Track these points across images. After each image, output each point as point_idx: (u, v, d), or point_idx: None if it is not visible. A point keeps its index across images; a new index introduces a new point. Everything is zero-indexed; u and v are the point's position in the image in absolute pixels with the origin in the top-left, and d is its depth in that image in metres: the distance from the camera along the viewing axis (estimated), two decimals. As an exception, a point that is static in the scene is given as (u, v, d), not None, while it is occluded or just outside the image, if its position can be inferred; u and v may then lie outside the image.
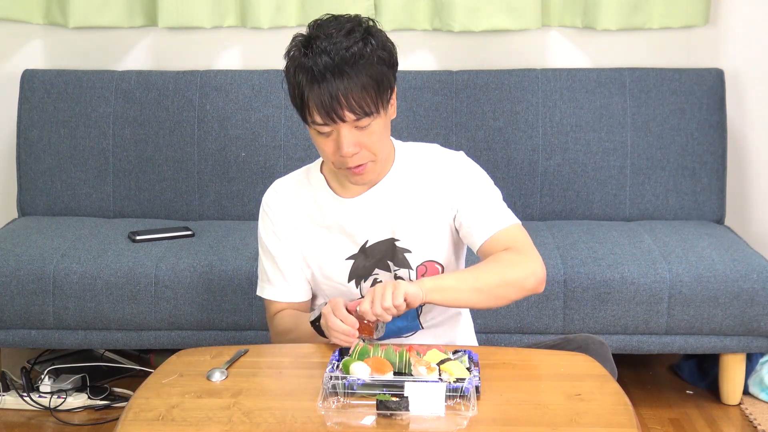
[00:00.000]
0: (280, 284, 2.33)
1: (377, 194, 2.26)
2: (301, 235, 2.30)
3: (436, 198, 2.27)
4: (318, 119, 2.11)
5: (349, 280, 2.30)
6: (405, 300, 2.06)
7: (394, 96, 2.19)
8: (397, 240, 2.28)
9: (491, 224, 2.25)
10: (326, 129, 2.12)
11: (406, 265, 2.29)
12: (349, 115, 2.10)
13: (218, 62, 3.69)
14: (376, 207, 2.26)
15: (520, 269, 2.19)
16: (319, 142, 2.17)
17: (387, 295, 2.05)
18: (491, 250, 2.24)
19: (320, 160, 2.33)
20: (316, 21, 2.17)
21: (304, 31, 2.17)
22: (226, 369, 2.04)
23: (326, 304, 2.15)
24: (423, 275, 2.29)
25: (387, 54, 2.14)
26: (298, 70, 2.11)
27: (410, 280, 2.29)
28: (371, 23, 2.16)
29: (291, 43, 2.17)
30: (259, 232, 2.35)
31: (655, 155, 3.49)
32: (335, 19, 2.16)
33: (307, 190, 2.32)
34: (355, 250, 2.29)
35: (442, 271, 2.31)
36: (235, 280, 3.05)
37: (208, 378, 2.01)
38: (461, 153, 2.35)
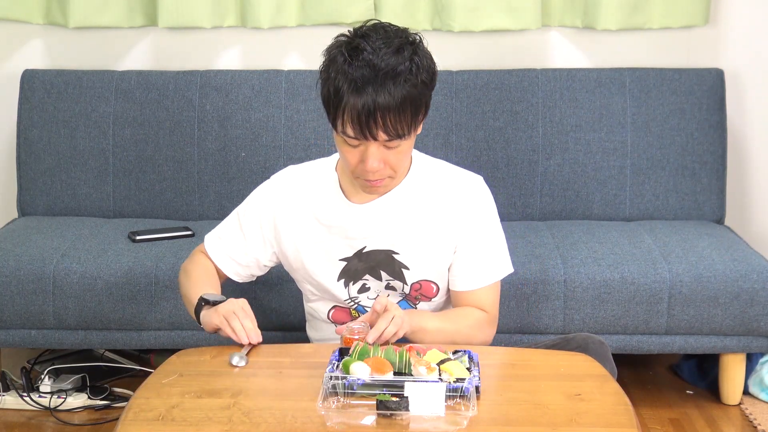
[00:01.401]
0: (228, 259, 2.37)
1: (385, 203, 2.26)
2: (299, 228, 2.30)
3: (444, 222, 2.27)
4: (350, 132, 2.08)
5: (339, 279, 2.30)
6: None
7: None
8: (397, 253, 2.28)
9: (477, 278, 2.28)
10: (355, 142, 2.10)
11: (401, 278, 2.29)
12: (382, 135, 2.07)
13: (218, 62, 3.69)
14: (382, 216, 2.25)
15: (482, 337, 2.29)
16: (344, 150, 2.14)
17: (392, 332, 2.09)
18: (464, 302, 2.30)
19: (336, 156, 2.32)
20: (361, 28, 2.11)
21: (346, 32, 2.12)
22: (246, 355, 2.05)
23: (228, 301, 2.18)
24: (417, 291, 2.29)
25: (429, 77, 2.12)
26: (340, 76, 2.06)
27: (403, 292, 2.30)
28: (418, 40, 2.12)
29: (333, 44, 2.12)
30: (249, 201, 2.36)
31: (655, 155, 3.49)
32: (384, 30, 2.10)
33: (317, 186, 2.31)
34: (350, 254, 2.28)
35: (437, 291, 2.31)
36: (231, 280, 3.04)
37: (230, 362, 2.02)
38: (480, 179, 2.33)
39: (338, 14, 3.56)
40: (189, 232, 3.30)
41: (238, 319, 2.13)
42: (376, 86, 2.04)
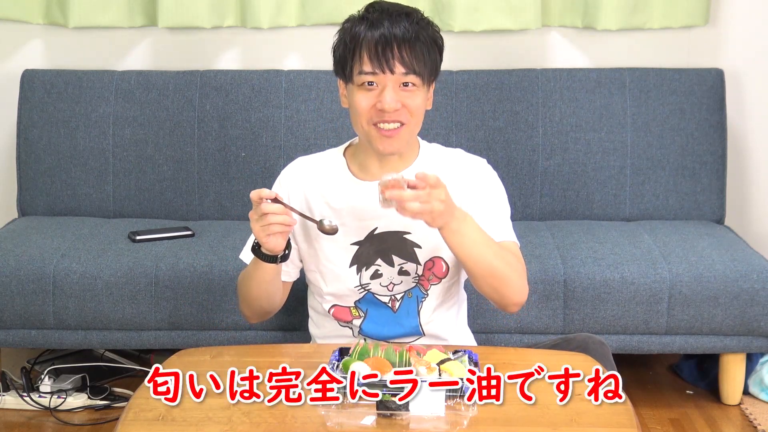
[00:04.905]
0: None
1: None
2: (311, 212, 2.32)
3: (453, 195, 2.27)
4: (367, 66, 2.17)
5: (351, 265, 2.30)
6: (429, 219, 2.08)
7: (433, 85, 2.26)
8: (408, 233, 2.29)
9: (497, 233, 2.26)
10: (372, 78, 2.17)
11: (414, 259, 2.30)
12: (398, 67, 2.16)
13: (218, 62, 3.69)
14: None
15: (519, 282, 2.23)
16: (358, 98, 2.20)
17: (430, 202, 2.05)
18: None
19: (344, 145, 2.36)
20: (374, 1, 2.27)
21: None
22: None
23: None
24: (430, 270, 2.30)
25: (440, 40, 2.24)
26: (357, 24, 2.19)
27: (417, 274, 2.30)
28: (427, 18, 2.25)
29: (345, 21, 2.24)
30: None
31: (655, 155, 3.49)
32: (395, 2, 2.26)
33: (325, 170, 2.35)
34: (362, 237, 2.29)
35: (447, 269, 2.31)
36: (235, 280, 3.03)
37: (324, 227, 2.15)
38: (483, 160, 2.39)
39: (338, 14, 3.54)
40: (189, 232, 3.30)
41: (255, 214, 2.13)
42: (392, 21, 2.17)
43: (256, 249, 2.21)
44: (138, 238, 3.22)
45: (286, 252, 2.22)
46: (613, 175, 3.49)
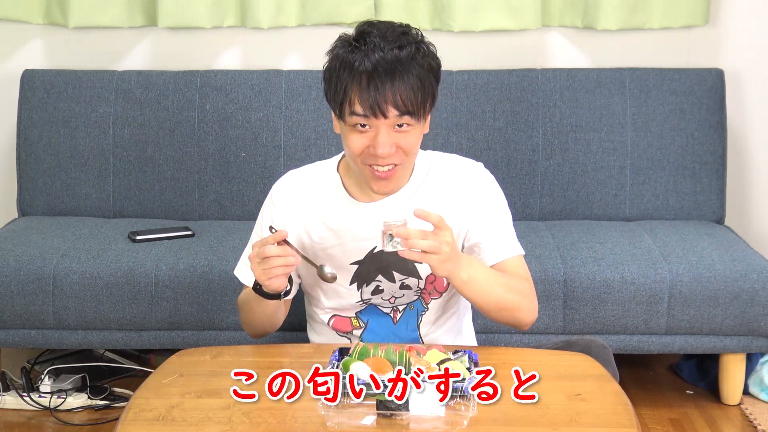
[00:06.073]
0: None
1: (392, 200, 2.24)
2: (308, 235, 2.28)
3: (452, 210, 2.24)
4: (359, 110, 2.07)
5: (351, 283, 2.29)
6: (433, 269, 2.05)
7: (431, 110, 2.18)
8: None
9: (503, 249, 2.24)
10: (364, 121, 2.09)
11: (415, 274, 2.28)
12: (392, 111, 2.07)
13: (218, 62, 3.69)
14: (389, 213, 2.24)
15: (529, 305, 2.23)
16: (350, 137, 2.12)
17: (427, 247, 2.01)
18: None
19: (336, 158, 2.31)
20: (366, 21, 2.16)
21: (344, 32, 2.16)
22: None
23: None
24: (432, 284, 2.28)
25: (435, 65, 2.15)
26: (348, 60, 2.08)
27: (419, 287, 2.29)
28: (421, 35, 2.16)
29: (336, 42, 2.14)
30: (259, 221, 2.33)
31: (655, 155, 3.49)
32: (388, 22, 2.15)
33: (320, 189, 2.29)
34: (361, 256, 2.27)
35: (447, 284, 2.30)
36: (235, 280, 3.03)
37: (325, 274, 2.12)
38: (480, 164, 2.33)
39: (338, 14, 3.56)
40: (189, 232, 3.30)
41: (258, 257, 2.09)
42: (385, 66, 2.06)
43: (258, 288, 2.18)
44: (138, 238, 3.22)
45: (289, 288, 2.20)
46: (613, 175, 3.50)
